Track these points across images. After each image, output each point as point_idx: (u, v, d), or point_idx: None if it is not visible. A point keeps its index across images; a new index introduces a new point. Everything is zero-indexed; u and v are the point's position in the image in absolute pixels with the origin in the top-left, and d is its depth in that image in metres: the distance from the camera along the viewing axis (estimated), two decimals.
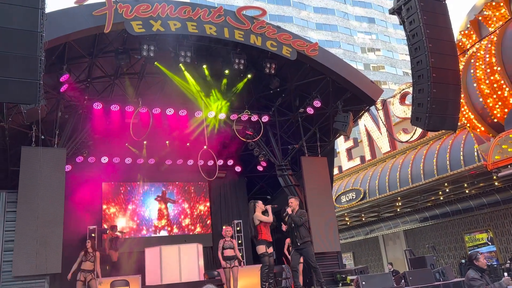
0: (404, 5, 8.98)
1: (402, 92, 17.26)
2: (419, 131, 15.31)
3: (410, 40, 8.92)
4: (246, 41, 10.07)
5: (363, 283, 8.13)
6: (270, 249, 8.65)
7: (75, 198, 12.16)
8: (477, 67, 13.02)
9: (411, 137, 16.44)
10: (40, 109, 8.15)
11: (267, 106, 13.28)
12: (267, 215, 8.62)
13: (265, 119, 12.83)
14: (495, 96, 12.65)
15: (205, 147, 12.03)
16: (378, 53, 51.91)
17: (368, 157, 19.40)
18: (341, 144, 20.95)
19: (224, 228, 10.16)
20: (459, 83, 9.05)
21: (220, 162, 14.28)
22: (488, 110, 12.98)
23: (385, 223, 21.71)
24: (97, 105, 11.00)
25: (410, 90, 12.50)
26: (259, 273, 8.55)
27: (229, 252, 9.58)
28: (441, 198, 17.47)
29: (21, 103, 7.47)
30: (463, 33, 14.12)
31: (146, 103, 11.35)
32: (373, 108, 13.51)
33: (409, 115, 10.40)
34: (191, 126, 12.45)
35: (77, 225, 12.10)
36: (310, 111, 12.23)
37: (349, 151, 20.83)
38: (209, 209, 15.47)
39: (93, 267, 9.96)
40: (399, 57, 52.62)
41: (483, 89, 12.87)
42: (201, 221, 15.21)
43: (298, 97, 12.74)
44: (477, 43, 13.34)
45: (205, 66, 10.88)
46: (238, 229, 14.80)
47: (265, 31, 10.30)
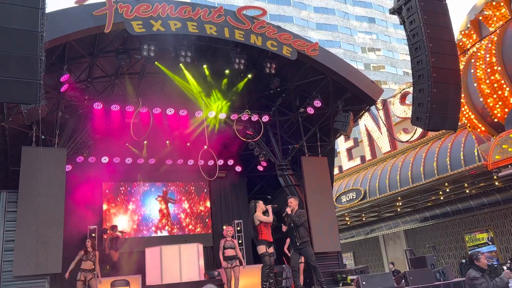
0: (404, 5, 8.98)
1: (402, 92, 17.25)
2: (419, 131, 15.30)
3: (410, 40, 8.91)
4: (246, 41, 10.07)
5: (364, 283, 8.13)
6: (270, 249, 8.64)
7: (75, 198, 12.15)
8: (478, 67, 13.02)
9: (411, 137, 16.43)
10: (40, 109, 8.13)
11: (268, 106, 13.28)
12: (267, 215, 8.62)
13: (265, 119, 12.83)
14: (495, 96, 12.65)
15: (205, 147, 12.04)
16: (378, 53, 51.88)
17: (368, 157, 19.40)
18: (342, 144, 20.93)
19: (225, 228, 10.16)
20: (460, 83, 9.05)
21: (220, 162, 14.29)
22: (488, 110, 12.99)
23: (386, 223, 21.70)
24: (98, 105, 11.02)
25: (410, 90, 12.49)
26: (260, 273, 8.56)
27: (230, 252, 9.56)
28: (442, 198, 17.46)
29: (21, 103, 7.48)
30: (463, 33, 14.13)
31: (146, 103, 11.36)
32: (373, 108, 13.50)
33: (409, 115, 10.40)
34: (192, 126, 12.46)
35: (77, 225, 12.08)
36: (310, 111, 12.23)
37: (349, 151, 20.82)
38: (209, 209, 15.47)
39: (93, 266, 9.95)
40: (399, 57, 52.60)
41: (483, 89, 12.87)
42: (202, 221, 15.21)
43: (298, 97, 12.73)
44: (477, 43, 13.35)
45: (205, 66, 10.88)
46: (238, 229, 14.80)
47: (265, 31, 10.29)
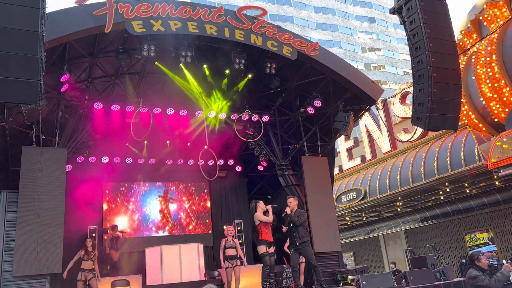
0: (404, 5, 8.98)
1: (402, 91, 17.25)
2: (419, 130, 15.29)
3: (410, 39, 8.91)
4: (246, 41, 10.07)
5: (364, 282, 8.12)
6: (271, 249, 8.64)
7: (75, 198, 12.14)
8: (478, 67, 13.02)
9: (411, 137, 16.43)
10: (40, 109, 8.14)
11: (268, 105, 13.28)
12: (268, 215, 8.62)
13: (265, 118, 12.82)
14: (495, 95, 12.65)
15: (205, 147, 12.04)
16: (378, 52, 51.86)
17: (368, 156, 19.40)
18: (342, 143, 20.93)
19: (225, 227, 10.12)
20: (460, 83, 9.05)
21: (220, 162, 14.28)
22: (488, 109, 12.99)
23: (386, 223, 21.70)
24: (98, 105, 11.01)
25: (410, 89, 12.48)
26: (260, 273, 8.55)
27: (231, 251, 9.50)
28: (442, 197, 17.46)
29: (21, 103, 7.48)
30: (463, 32, 14.12)
31: (146, 103, 11.36)
32: (373, 107, 13.50)
33: (409, 115, 10.39)
34: (192, 126, 12.46)
35: (77, 225, 12.08)
36: (310, 110, 12.23)
37: (349, 150, 20.81)
38: (209, 209, 15.47)
39: (93, 266, 9.95)
40: (399, 57, 52.58)
41: (483, 89, 12.86)
42: (202, 221, 15.20)
43: (298, 96, 12.73)
44: (478, 43, 13.34)
45: (205, 66, 10.88)
46: (239, 228, 14.79)
47: (265, 31, 10.29)
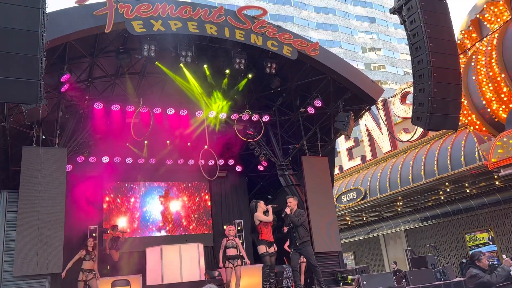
0: (404, 5, 8.97)
1: (403, 91, 17.25)
2: (420, 130, 15.28)
3: (410, 39, 8.91)
4: (246, 41, 10.07)
5: (364, 282, 8.12)
6: (271, 249, 8.63)
7: (76, 197, 12.14)
8: (478, 67, 13.00)
9: (412, 137, 16.43)
10: (41, 109, 8.13)
11: (268, 105, 13.28)
12: (268, 215, 8.61)
13: (266, 118, 12.82)
14: (496, 95, 12.63)
15: (205, 146, 12.04)
16: (378, 52, 51.85)
17: (369, 156, 19.40)
18: (342, 143, 20.93)
19: (226, 227, 10.09)
20: (460, 83, 9.04)
21: (220, 161, 14.27)
22: (489, 109, 12.97)
23: (386, 223, 21.69)
24: (98, 105, 11.01)
25: (411, 89, 12.47)
26: (260, 273, 8.55)
27: (232, 251, 9.46)
28: (442, 197, 17.46)
29: (22, 103, 7.47)
30: (464, 32, 14.11)
31: (147, 102, 11.36)
32: (374, 107, 13.50)
33: (410, 115, 10.39)
34: (192, 126, 12.46)
35: (78, 225, 12.07)
36: (310, 110, 12.23)
37: (350, 150, 20.82)
38: (210, 209, 15.46)
39: (94, 266, 9.96)
40: (400, 57, 52.56)
41: (484, 89, 12.85)
42: (202, 221, 15.20)
43: (298, 96, 12.73)
44: (478, 43, 13.33)
45: (206, 65, 10.87)
46: (239, 228, 14.78)
47: (265, 31, 10.29)
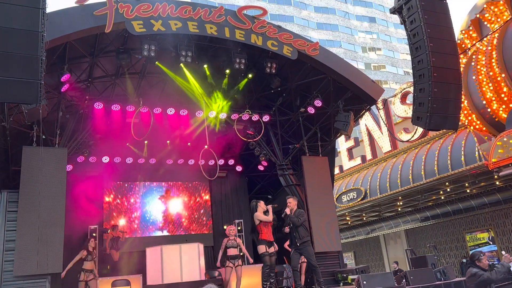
0: (405, 5, 8.97)
1: (403, 91, 17.25)
2: (420, 130, 15.29)
3: (411, 39, 8.90)
4: (247, 41, 10.06)
5: (364, 282, 8.12)
6: (271, 249, 8.61)
7: (76, 197, 12.14)
8: (478, 67, 13.01)
9: (412, 137, 16.43)
10: (41, 109, 8.12)
11: (268, 105, 13.28)
12: (268, 215, 8.61)
13: (266, 118, 12.82)
14: (496, 95, 12.64)
15: (206, 146, 12.04)
16: (379, 52, 51.86)
17: (369, 156, 19.40)
18: (342, 143, 20.93)
19: (227, 227, 10.05)
20: (460, 83, 9.04)
21: (221, 161, 14.27)
22: (489, 109, 12.98)
23: (386, 223, 21.69)
24: (98, 105, 11.02)
25: (411, 89, 12.47)
26: (261, 273, 8.55)
27: (233, 251, 9.38)
28: (442, 197, 17.46)
29: (22, 103, 7.47)
30: (464, 32, 14.11)
31: (147, 102, 11.36)
32: (374, 107, 13.52)
33: (410, 115, 10.39)
34: (192, 125, 12.46)
35: (78, 225, 12.06)
36: (311, 110, 12.22)
37: (350, 150, 20.82)
38: (210, 209, 15.46)
39: (94, 267, 9.97)
40: (400, 57, 52.57)
41: (484, 89, 12.85)
42: (202, 221, 15.20)
43: (299, 96, 12.73)
44: (478, 42, 13.33)
45: (206, 65, 10.87)
46: (239, 228, 14.77)
47: (266, 31, 10.28)
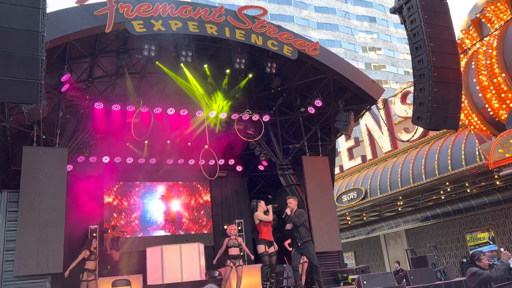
0: (405, 4, 8.97)
1: (403, 91, 17.25)
2: (420, 130, 15.29)
3: (411, 39, 8.90)
4: (247, 41, 10.06)
5: (365, 282, 8.11)
6: (271, 249, 8.58)
7: (76, 197, 12.15)
8: (478, 66, 12.99)
9: (412, 136, 16.43)
10: (41, 109, 8.13)
11: (268, 105, 13.28)
12: (268, 215, 8.60)
13: (266, 118, 12.82)
14: (496, 95, 12.62)
15: (206, 146, 12.04)
16: (379, 52, 51.83)
17: (369, 156, 19.39)
18: (342, 143, 20.93)
19: (228, 226, 10.00)
20: (460, 82, 9.04)
21: (221, 161, 14.26)
22: (489, 109, 12.96)
23: (387, 223, 21.69)
24: (99, 105, 11.03)
25: (411, 89, 12.46)
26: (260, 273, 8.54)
27: (234, 250, 9.30)
28: (443, 197, 17.45)
29: (22, 103, 7.47)
30: (464, 32, 14.09)
31: (147, 102, 11.37)
32: (374, 107, 13.50)
33: (410, 114, 10.39)
34: (192, 125, 12.47)
35: (78, 225, 12.08)
36: (311, 110, 12.22)
37: (350, 150, 20.81)
38: (210, 209, 15.46)
39: (96, 266, 9.99)
40: (400, 56, 52.54)
41: (484, 88, 12.84)
42: (202, 221, 15.20)
43: (299, 96, 12.73)
44: (478, 42, 13.32)
45: (206, 65, 10.88)
46: (239, 228, 14.79)
47: (266, 31, 10.29)
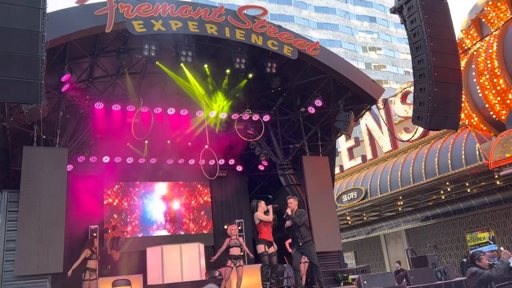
0: (405, 4, 8.97)
1: (403, 91, 17.25)
2: (420, 130, 15.29)
3: (411, 39, 8.91)
4: (247, 41, 10.07)
5: (365, 282, 8.11)
6: (271, 249, 8.57)
7: (76, 197, 12.14)
8: (479, 66, 12.99)
9: (412, 136, 16.43)
10: (41, 109, 8.14)
11: (268, 105, 13.28)
12: (268, 215, 8.60)
13: (266, 118, 12.82)
14: (496, 95, 12.62)
15: (206, 146, 12.04)
16: (379, 52, 51.83)
17: (369, 156, 19.39)
18: (343, 143, 20.93)
19: (228, 226, 9.98)
20: (461, 82, 9.04)
21: (221, 161, 14.25)
22: (489, 109, 12.96)
23: (387, 222, 21.69)
24: (99, 105, 11.03)
25: (411, 89, 12.46)
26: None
27: (236, 250, 9.26)
28: (443, 197, 17.45)
29: (22, 103, 7.48)
30: (464, 32, 14.09)
31: (147, 102, 11.37)
32: (374, 107, 13.50)
33: (410, 114, 10.39)
34: (193, 125, 12.46)
35: (78, 225, 12.09)
36: (311, 110, 12.22)
37: (350, 150, 20.81)
38: (210, 209, 15.46)
39: (97, 266, 10.00)
40: (400, 56, 52.53)
41: (484, 88, 12.84)
42: (203, 221, 15.20)
43: (299, 96, 12.73)
44: (478, 42, 13.32)
45: (206, 65, 10.88)
46: (240, 228, 14.79)
47: (266, 31, 10.29)
